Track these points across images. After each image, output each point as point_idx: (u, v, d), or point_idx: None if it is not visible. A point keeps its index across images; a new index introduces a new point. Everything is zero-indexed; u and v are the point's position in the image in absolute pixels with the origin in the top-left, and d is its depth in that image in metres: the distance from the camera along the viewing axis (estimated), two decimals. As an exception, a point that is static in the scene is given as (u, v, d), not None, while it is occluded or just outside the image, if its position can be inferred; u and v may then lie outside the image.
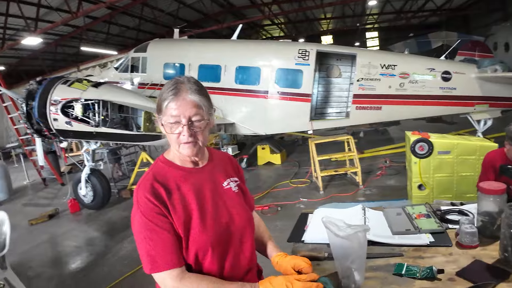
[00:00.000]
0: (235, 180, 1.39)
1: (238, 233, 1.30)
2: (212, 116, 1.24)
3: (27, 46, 14.56)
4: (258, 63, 6.80)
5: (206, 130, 1.23)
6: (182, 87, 1.18)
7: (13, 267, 3.56)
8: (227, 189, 1.34)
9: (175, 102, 1.16)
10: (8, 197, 9.01)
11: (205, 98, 1.21)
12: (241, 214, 1.33)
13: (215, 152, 1.45)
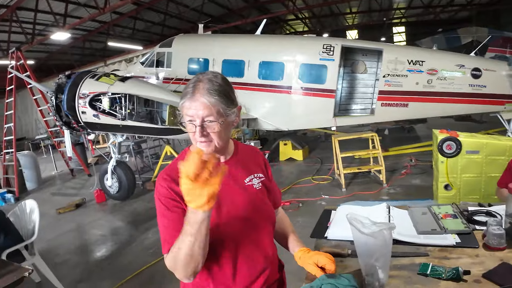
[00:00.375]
0: (259, 177, 1.37)
1: (254, 229, 1.30)
2: (232, 115, 1.20)
3: (56, 41, 14.99)
4: (282, 58, 6.74)
5: (223, 130, 1.19)
6: (199, 86, 1.15)
7: (41, 254, 3.72)
8: (249, 185, 1.32)
9: (190, 102, 1.15)
10: (37, 187, 9.42)
11: (222, 98, 1.16)
12: (260, 211, 1.32)
13: (242, 147, 1.43)
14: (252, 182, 1.33)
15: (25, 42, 12.90)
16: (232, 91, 1.22)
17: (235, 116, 1.22)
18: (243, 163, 1.36)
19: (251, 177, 1.34)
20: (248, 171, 1.36)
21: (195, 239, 1.03)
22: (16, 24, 12.37)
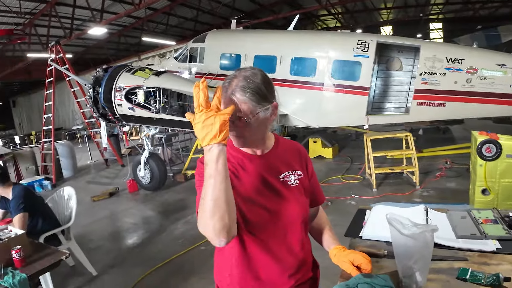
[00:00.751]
0: (297, 174, 1.35)
1: (283, 225, 1.29)
2: (265, 112, 1.18)
3: (93, 36, 15.51)
4: (315, 54, 6.66)
5: (253, 126, 1.18)
6: (233, 83, 1.17)
7: (75, 239, 3.90)
8: (284, 181, 1.31)
9: (223, 98, 1.18)
10: (73, 175, 9.89)
11: (254, 96, 1.15)
12: (292, 208, 1.30)
13: (283, 142, 1.41)
14: (289, 179, 1.32)
15: (63, 36, 13.48)
16: (269, 88, 1.21)
17: (270, 113, 1.22)
18: (281, 158, 1.34)
19: (288, 173, 1.33)
20: (285, 166, 1.34)
21: (214, 180, 1.03)
22: (55, 19, 12.95)
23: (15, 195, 3.26)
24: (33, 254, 2.52)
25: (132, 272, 3.82)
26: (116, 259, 4.30)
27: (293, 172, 1.34)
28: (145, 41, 17.11)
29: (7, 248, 2.36)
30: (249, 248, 1.28)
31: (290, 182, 1.32)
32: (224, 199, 1.04)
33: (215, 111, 1.03)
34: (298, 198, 1.33)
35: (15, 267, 2.29)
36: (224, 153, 1.04)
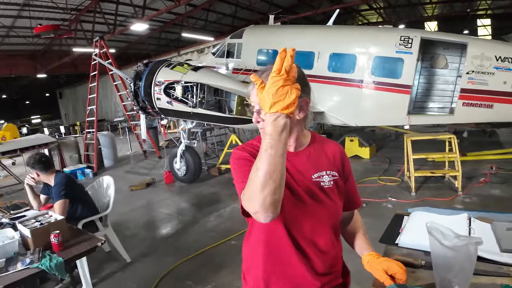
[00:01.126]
0: (332, 175, 1.29)
1: (311, 226, 1.25)
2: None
3: (135, 32, 16.08)
4: (354, 50, 6.42)
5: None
6: (263, 75, 1.15)
7: (112, 226, 4.05)
8: (316, 181, 1.26)
9: (252, 90, 1.19)
10: (114, 164, 10.34)
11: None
12: (322, 210, 1.26)
13: (320, 140, 1.37)
14: (322, 179, 1.27)
15: (107, 32, 14.07)
16: (301, 83, 1.11)
17: (299, 108, 1.18)
18: (315, 158, 1.30)
19: (322, 173, 1.28)
20: (319, 166, 1.29)
21: (275, 152, 0.96)
22: (99, 15, 13.54)
23: (57, 182, 3.43)
24: (71, 239, 2.64)
25: (164, 261, 3.91)
26: (150, 247, 4.42)
27: (328, 173, 1.29)
28: (185, 37, 17.47)
29: (47, 232, 2.48)
30: (277, 241, 1.25)
31: (323, 183, 1.27)
32: (279, 173, 0.98)
33: (292, 80, 0.96)
34: (330, 200, 1.27)
35: (53, 251, 2.40)
36: (288, 127, 0.98)
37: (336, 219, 1.33)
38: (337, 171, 1.31)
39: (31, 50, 18.64)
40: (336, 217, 1.33)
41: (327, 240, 1.29)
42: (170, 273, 3.62)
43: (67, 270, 2.76)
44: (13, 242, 2.41)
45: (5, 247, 2.35)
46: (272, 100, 0.95)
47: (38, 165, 3.47)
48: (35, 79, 25.29)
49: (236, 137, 7.78)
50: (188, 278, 3.46)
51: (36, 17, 12.51)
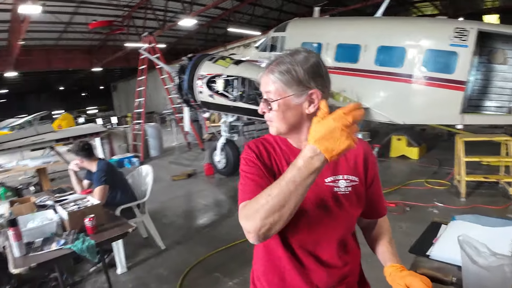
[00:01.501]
0: (350, 180, 1.15)
1: (315, 236, 1.14)
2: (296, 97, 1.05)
3: (184, 27, 16.49)
4: (404, 42, 6.01)
5: (282, 110, 1.07)
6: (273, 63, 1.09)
7: (152, 213, 4.16)
8: (328, 186, 1.13)
9: (262, 78, 1.11)
10: (159, 154, 10.77)
11: (283, 76, 1.04)
12: (328, 220, 1.13)
13: None
14: (337, 185, 1.13)
15: (157, 27, 14.56)
16: (309, 73, 1.04)
17: (303, 100, 1.05)
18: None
19: (338, 177, 1.14)
20: (335, 169, 1.15)
21: (295, 189, 0.89)
22: (150, 11, 14.05)
23: (99, 169, 3.58)
24: (106, 224, 2.72)
25: (196, 250, 3.96)
26: (185, 236, 4.51)
27: (346, 178, 1.14)
28: (231, 32, 17.63)
29: (82, 216, 2.57)
30: (275, 249, 1.17)
31: (338, 189, 1.13)
32: (289, 210, 0.91)
33: (351, 130, 0.85)
34: (342, 210, 1.13)
35: (86, 234, 2.48)
36: (319, 172, 0.89)
37: (348, 230, 1.20)
38: (357, 175, 1.16)
39: (87, 45, 19.98)
40: (348, 228, 1.20)
41: (333, 253, 1.15)
42: (200, 263, 3.65)
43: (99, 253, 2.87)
44: (51, 223, 2.53)
45: (43, 228, 2.48)
46: (323, 134, 0.86)
47: (82, 152, 3.64)
48: (91, 72, 27.02)
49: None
50: (216, 269, 3.46)
51: (91, 14, 13.32)
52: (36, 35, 16.13)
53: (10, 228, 2.16)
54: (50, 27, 15.90)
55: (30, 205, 2.99)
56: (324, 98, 1.06)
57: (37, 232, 2.44)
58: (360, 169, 1.17)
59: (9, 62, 17.74)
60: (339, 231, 1.16)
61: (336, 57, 7.06)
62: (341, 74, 7.01)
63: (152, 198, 6.11)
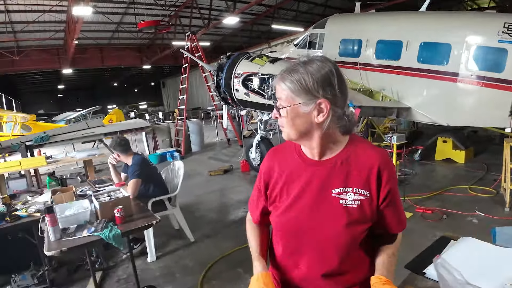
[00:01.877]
0: (359, 193, 1.11)
1: (311, 248, 1.17)
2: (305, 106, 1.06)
3: (228, 25, 16.77)
4: (449, 38, 5.63)
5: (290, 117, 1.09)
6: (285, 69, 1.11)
7: (186, 206, 4.33)
8: (334, 198, 1.11)
9: (275, 84, 1.13)
10: (200, 150, 11.12)
11: (292, 84, 1.06)
12: (328, 233, 1.12)
13: (356, 150, 1.15)
14: (343, 197, 1.11)
15: (203, 26, 14.94)
16: (319, 83, 1.04)
17: (312, 109, 1.06)
18: (343, 169, 1.13)
19: (346, 189, 1.11)
20: (345, 180, 1.12)
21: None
22: (196, 10, 14.44)
23: (133, 163, 3.81)
24: (134, 215, 2.91)
25: (222, 245, 4.07)
26: (213, 230, 4.64)
27: (355, 191, 1.10)
28: (275, 29, 17.62)
29: (114, 206, 2.77)
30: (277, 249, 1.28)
31: (344, 201, 1.11)
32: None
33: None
34: (344, 224, 1.10)
35: (115, 223, 2.67)
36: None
37: (347, 248, 1.15)
38: (368, 189, 1.11)
39: (137, 43, 21.10)
40: (348, 246, 1.15)
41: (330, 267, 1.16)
42: (225, 258, 3.75)
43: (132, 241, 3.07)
44: (85, 212, 2.75)
45: (78, 215, 2.71)
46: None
47: (119, 147, 3.90)
48: (141, 70, 28.44)
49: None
50: (239, 265, 3.54)
51: (140, 14, 14.02)
52: (90, 35, 17.38)
53: (47, 215, 2.40)
54: (103, 27, 17.06)
55: (70, 194, 3.27)
56: (336, 106, 1.06)
57: (72, 219, 2.67)
58: (373, 183, 1.11)
59: (66, 60, 19.31)
60: (338, 245, 1.14)
61: (376, 54, 6.83)
62: (382, 71, 6.78)
63: (189, 192, 6.41)
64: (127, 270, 3.59)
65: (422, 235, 3.77)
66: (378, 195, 1.11)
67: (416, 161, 7.35)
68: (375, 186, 1.10)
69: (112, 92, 43.02)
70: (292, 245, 1.21)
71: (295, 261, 1.21)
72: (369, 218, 1.13)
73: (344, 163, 1.12)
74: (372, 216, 1.13)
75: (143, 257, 3.87)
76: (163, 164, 8.16)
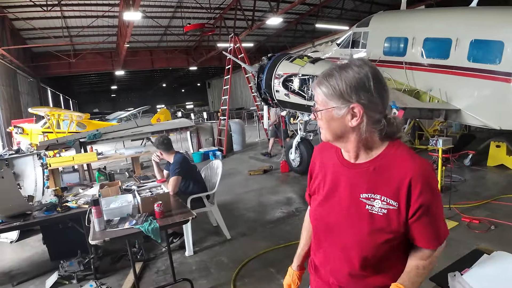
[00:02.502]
0: (387, 202, 1.09)
1: (340, 242, 1.21)
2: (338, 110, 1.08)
3: (272, 25, 16.87)
4: (502, 36, 5.23)
5: (325, 120, 1.13)
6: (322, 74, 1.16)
7: (226, 204, 4.43)
8: (362, 202, 1.13)
9: (312, 88, 1.19)
10: (241, 149, 11.32)
11: (326, 89, 1.10)
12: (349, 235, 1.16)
13: (393, 158, 1.12)
14: (370, 202, 1.11)
15: (246, 27, 15.16)
16: (351, 88, 1.06)
17: (345, 114, 1.08)
18: (375, 175, 1.12)
19: (375, 196, 1.11)
20: (375, 187, 1.12)
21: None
22: (239, 12, 14.70)
23: (175, 161, 4.02)
24: (173, 210, 3.08)
25: (257, 244, 4.15)
26: (250, 229, 4.74)
27: (383, 199, 1.10)
28: (319, 28, 17.42)
29: (154, 201, 2.95)
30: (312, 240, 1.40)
31: (371, 207, 1.11)
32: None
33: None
34: (367, 229, 1.11)
35: (154, 217, 2.85)
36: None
37: (366, 254, 1.15)
38: (397, 200, 1.08)
39: (184, 46, 21.94)
40: (374, 250, 1.13)
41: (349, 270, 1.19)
42: (259, 257, 3.83)
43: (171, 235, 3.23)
44: (128, 205, 2.97)
45: (121, 209, 2.93)
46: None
47: (161, 146, 4.13)
48: (188, 71, 29.46)
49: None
50: (272, 265, 3.59)
51: (186, 17, 14.58)
52: (140, 38, 18.40)
53: (93, 207, 2.63)
54: (152, 31, 18.00)
55: (116, 188, 3.54)
56: (372, 111, 1.08)
57: (116, 212, 2.90)
58: (402, 195, 1.07)
59: (118, 62, 20.59)
60: (357, 248, 1.15)
61: (423, 52, 6.53)
62: (429, 71, 6.48)
63: (228, 190, 6.59)
64: (166, 262, 3.79)
65: (465, 246, 3.57)
66: (408, 208, 1.08)
67: (466, 167, 6.93)
68: (404, 198, 1.07)
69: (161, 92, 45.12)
70: (321, 239, 1.29)
71: (325, 255, 1.28)
72: (395, 230, 1.10)
73: (377, 169, 1.12)
74: (399, 228, 1.10)
75: (182, 251, 4.06)
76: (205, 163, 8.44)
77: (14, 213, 3.27)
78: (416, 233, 1.11)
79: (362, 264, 1.16)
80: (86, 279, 3.53)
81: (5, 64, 14.66)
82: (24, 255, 4.40)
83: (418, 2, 11.57)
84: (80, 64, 20.19)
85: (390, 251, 1.14)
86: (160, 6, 14.37)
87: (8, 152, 5.91)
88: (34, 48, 18.00)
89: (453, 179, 5.78)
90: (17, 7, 12.29)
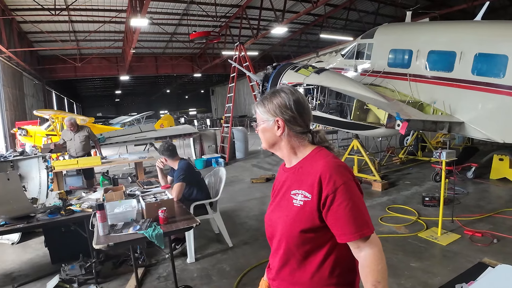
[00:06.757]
0: (304, 195, 1.25)
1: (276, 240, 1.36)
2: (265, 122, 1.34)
3: (276, 35, 17.01)
4: (506, 50, 5.28)
5: (261, 132, 1.38)
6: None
7: (228, 211, 4.43)
8: (291, 197, 1.31)
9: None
10: (244, 157, 11.32)
11: (259, 107, 1.38)
12: (280, 225, 1.31)
13: (311, 160, 1.31)
14: (295, 197, 1.29)
15: (251, 36, 15.30)
16: (275, 107, 1.32)
17: (272, 126, 1.34)
18: (300, 175, 1.32)
19: (299, 191, 1.28)
20: (301, 184, 1.30)
21: None
22: (245, 21, 14.86)
23: (179, 167, 4.03)
24: (177, 217, 3.09)
25: (260, 253, 4.13)
26: (252, 237, 4.72)
27: (301, 193, 1.28)
28: (324, 38, 17.53)
29: (158, 207, 2.97)
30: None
31: (295, 200, 1.29)
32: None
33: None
34: (289, 218, 1.28)
35: (158, 223, 2.86)
36: None
37: (290, 240, 1.27)
38: (311, 193, 1.24)
39: (189, 53, 22.14)
40: (289, 238, 1.27)
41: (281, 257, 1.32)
42: (261, 265, 3.80)
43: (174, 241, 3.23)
44: (132, 211, 2.99)
45: (125, 213, 2.94)
46: None
47: (166, 152, 4.15)
48: (192, 78, 29.64)
49: (358, 143, 7.45)
50: (274, 273, 3.57)
51: (192, 25, 14.73)
52: (146, 44, 18.55)
53: (98, 211, 2.65)
54: (158, 37, 18.18)
55: (120, 193, 3.55)
56: (293, 124, 1.32)
57: (120, 217, 2.91)
58: (315, 188, 1.22)
59: (123, 67, 20.79)
60: (283, 234, 1.30)
61: (427, 65, 6.58)
62: (433, 83, 6.51)
63: (231, 197, 6.58)
64: (167, 268, 3.79)
65: (468, 260, 3.56)
66: (319, 200, 1.21)
67: (469, 180, 6.92)
68: (316, 191, 1.22)
69: (165, 98, 45.34)
70: (271, 241, 1.40)
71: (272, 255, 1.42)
72: (310, 219, 1.23)
73: (301, 169, 1.33)
74: (313, 218, 1.22)
75: (183, 257, 4.06)
76: (208, 169, 8.45)
77: (18, 215, 3.28)
78: (332, 226, 1.21)
79: (286, 257, 1.30)
80: (87, 283, 3.52)
81: (11, 66, 14.81)
82: (26, 257, 4.41)
83: (422, 14, 11.65)
84: (86, 68, 20.38)
85: (314, 247, 1.25)
86: (167, 13, 14.53)
87: (12, 154, 5.95)
88: (41, 51, 18.18)
89: (456, 191, 5.76)
90: (25, 10, 12.44)
